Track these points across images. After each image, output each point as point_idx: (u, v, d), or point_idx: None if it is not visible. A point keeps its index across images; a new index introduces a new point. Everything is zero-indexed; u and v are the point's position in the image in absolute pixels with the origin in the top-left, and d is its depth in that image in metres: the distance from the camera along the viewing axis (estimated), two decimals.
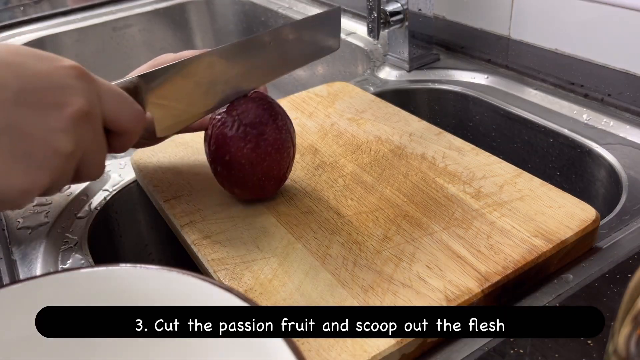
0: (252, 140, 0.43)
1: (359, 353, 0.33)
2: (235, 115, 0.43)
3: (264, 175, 0.44)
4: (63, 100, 0.30)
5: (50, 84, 0.30)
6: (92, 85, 0.32)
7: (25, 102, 0.29)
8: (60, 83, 0.30)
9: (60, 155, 0.30)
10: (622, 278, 0.39)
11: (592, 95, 0.62)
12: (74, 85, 0.31)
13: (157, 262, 0.63)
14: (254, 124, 0.43)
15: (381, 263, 0.40)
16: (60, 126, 0.30)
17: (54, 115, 0.30)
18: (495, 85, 0.69)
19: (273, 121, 0.44)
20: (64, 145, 0.30)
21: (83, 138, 0.31)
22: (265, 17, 1.04)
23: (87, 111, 0.31)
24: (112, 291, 0.32)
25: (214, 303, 0.30)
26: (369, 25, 0.70)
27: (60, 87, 0.30)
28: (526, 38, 0.75)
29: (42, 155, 0.30)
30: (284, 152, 0.44)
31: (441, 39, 0.78)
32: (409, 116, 0.59)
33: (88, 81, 0.32)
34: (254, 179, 0.44)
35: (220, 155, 0.44)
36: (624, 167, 0.52)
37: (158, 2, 1.08)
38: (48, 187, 0.31)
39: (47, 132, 0.30)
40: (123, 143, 0.36)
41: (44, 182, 0.30)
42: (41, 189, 0.30)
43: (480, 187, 0.47)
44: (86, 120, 0.31)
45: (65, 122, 0.30)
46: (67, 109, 0.30)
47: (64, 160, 0.31)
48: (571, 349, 0.34)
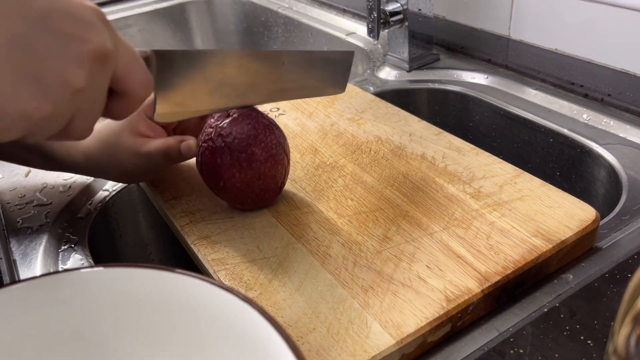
0: (243, 165, 0.43)
1: (359, 353, 0.33)
2: (222, 142, 0.43)
3: (261, 191, 0.44)
4: (85, 36, 0.29)
5: (76, 16, 0.29)
6: (114, 34, 0.32)
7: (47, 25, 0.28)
8: (86, 18, 0.30)
9: (69, 89, 0.29)
10: (622, 278, 0.39)
11: (592, 95, 0.62)
12: (98, 26, 0.30)
13: (157, 262, 0.63)
14: (243, 147, 0.42)
15: (381, 263, 0.40)
16: (77, 59, 0.29)
17: (73, 46, 0.29)
18: (495, 85, 0.69)
19: (262, 139, 0.43)
20: (75, 80, 0.29)
21: (93, 80, 0.30)
22: (265, 17, 1.04)
23: (105, 53, 0.30)
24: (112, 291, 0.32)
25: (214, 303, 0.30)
26: (369, 25, 0.70)
27: (85, 22, 0.30)
28: (526, 38, 0.75)
29: (52, 83, 0.29)
30: (278, 165, 0.44)
31: (441, 39, 0.78)
32: (409, 116, 0.59)
33: (110, 27, 0.31)
34: (252, 196, 0.44)
35: (214, 182, 0.44)
36: (624, 167, 0.52)
37: (158, 2, 1.08)
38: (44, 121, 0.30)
39: (63, 61, 0.29)
40: (122, 108, 0.34)
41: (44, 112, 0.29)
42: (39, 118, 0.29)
43: (480, 187, 0.47)
44: (102, 62, 0.30)
45: (83, 56, 0.29)
46: (88, 45, 0.29)
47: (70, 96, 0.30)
48: (571, 349, 0.34)
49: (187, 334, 0.31)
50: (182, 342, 0.31)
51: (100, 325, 0.32)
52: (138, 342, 0.32)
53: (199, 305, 0.31)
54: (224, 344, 0.30)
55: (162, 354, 0.32)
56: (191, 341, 0.31)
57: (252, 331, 0.29)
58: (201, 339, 0.31)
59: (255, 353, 0.28)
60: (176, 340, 0.31)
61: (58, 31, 0.29)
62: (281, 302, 0.37)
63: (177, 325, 0.31)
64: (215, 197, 0.48)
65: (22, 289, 0.31)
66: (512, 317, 0.38)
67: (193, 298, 0.31)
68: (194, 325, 0.31)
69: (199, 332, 0.31)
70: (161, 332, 0.32)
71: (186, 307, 0.31)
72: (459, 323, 0.37)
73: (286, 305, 0.37)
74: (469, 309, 0.37)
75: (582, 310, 0.37)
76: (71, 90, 0.29)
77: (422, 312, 0.36)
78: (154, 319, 0.32)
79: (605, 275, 0.40)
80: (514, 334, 0.36)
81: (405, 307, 0.36)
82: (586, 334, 0.35)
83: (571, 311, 0.37)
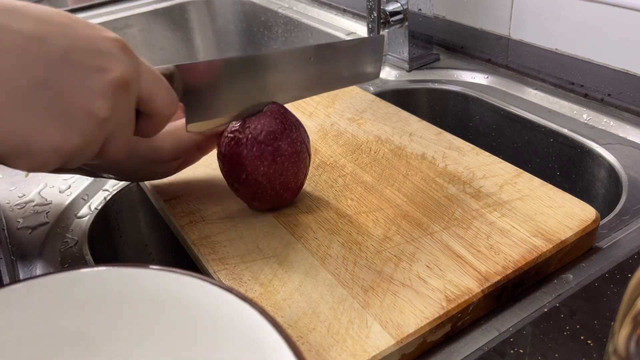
0: (268, 158, 0.42)
1: (359, 353, 0.33)
2: (249, 133, 0.42)
3: (281, 188, 0.44)
4: (106, 66, 0.31)
5: (95, 48, 0.31)
6: (134, 60, 0.33)
7: (69, 61, 0.30)
8: (105, 49, 0.31)
9: (95, 119, 0.31)
10: (622, 278, 0.39)
11: (592, 95, 0.62)
12: (117, 55, 0.31)
13: (157, 262, 0.63)
14: (269, 141, 0.42)
15: (381, 263, 0.40)
16: (100, 90, 0.30)
17: (95, 78, 0.30)
18: (495, 85, 0.69)
19: (288, 135, 0.43)
20: (100, 110, 0.31)
21: (118, 107, 0.32)
22: (265, 17, 1.04)
23: (127, 80, 0.32)
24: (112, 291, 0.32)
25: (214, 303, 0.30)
26: (369, 25, 0.70)
27: (105, 53, 0.31)
28: (526, 38, 0.75)
29: (78, 115, 0.30)
30: (300, 163, 0.44)
31: (441, 39, 0.78)
32: (409, 116, 0.59)
33: (131, 55, 0.33)
34: (272, 193, 0.44)
35: (236, 174, 0.43)
36: (624, 167, 0.52)
37: (158, 2, 1.08)
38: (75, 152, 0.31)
39: (87, 93, 0.30)
40: (151, 126, 0.36)
41: (74, 144, 0.30)
42: (70, 150, 0.30)
43: (480, 187, 0.47)
44: (124, 90, 0.32)
45: (105, 86, 0.31)
46: (109, 75, 0.31)
47: (97, 125, 0.31)
48: (571, 349, 0.34)
49: (187, 334, 0.31)
50: (182, 342, 0.31)
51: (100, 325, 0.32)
52: (138, 342, 0.32)
53: (199, 305, 0.31)
54: (224, 344, 0.30)
55: (162, 354, 0.32)
56: (191, 341, 0.31)
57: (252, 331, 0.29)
58: (201, 339, 0.31)
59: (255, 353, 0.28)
60: (176, 340, 0.31)
61: (79, 65, 0.30)
62: (281, 302, 0.37)
63: (177, 325, 0.31)
64: (215, 197, 0.48)
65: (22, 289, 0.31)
66: (512, 317, 0.38)
67: (193, 298, 0.31)
68: (194, 325, 0.31)
69: (199, 332, 0.31)
70: (161, 332, 0.32)
71: (186, 307, 0.31)
72: (459, 323, 0.37)
73: (286, 305, 0.37)
74: (469, 309, 0.37)
75: (582, 310, 0.37)
76: (97, 120, 0.31)
77: (422, 312, 0.36)
78: (153, 319, 0.32)
79: (605, 275, 0.40)
80: (514, 334, 0.36)
81: (405, 307, 0.36)
82: (586, 334, 0.35)
83: (571, 311, 0.37)
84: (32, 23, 0.29)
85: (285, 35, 1.01)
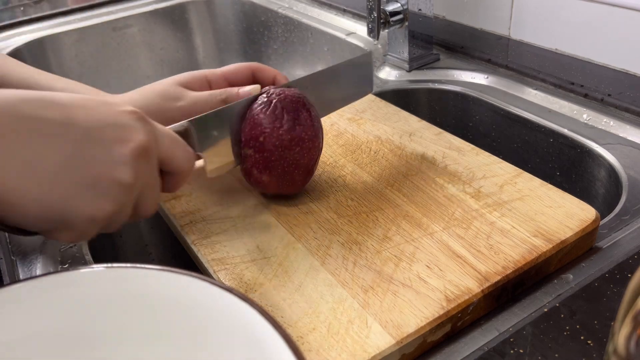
0: (289, 123, 0.44)
1: (359, 353, 0.33)
2: (274, 99, 0.44)
3: (293, 162, 0.44)
4: (125, 137, 0.34)
5: (114, 122, 0.34)
6: (151, 127, 0.36)
7: (92, 138, 0.33)
8: (123, 123, 0.34)
9: (122, 186, 0.34)
10: (622, 278, 0.39)
11: (592, 95, 0.62)
12: (135, 125, 0.35)
13: (157, 262, 0.63)
14: (291, 109, 0.44)
15: (381, 263, 0.40)
16: (123, 159, 0.33)
17: (117, 149, 0.33)
18: (495, 85, 0.69)
19: (307, 110, 0.45)
20: (125, 177, 0.34)
21: (142, 172, 0.35)
22: (265, 17, 1.04)
23: (146, 147, 0.35)
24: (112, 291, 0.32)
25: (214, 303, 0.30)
26: (369, 25, 0.70)
27: (123, 125, 0.34)
28: (526, 38, 0.75)
29: (106, 185, 0.33)
30: (316, 141, 0.45)
31: (441, 39, 0.78)
32: (409, 116, 0.59)
33: (147, 123, 0.36)
34: (283, 165, 0.44)
35: (254, 135, 0.44)
36: (624, 167, 0.52)
37: (158, 2, 1.08)
38: (110, 218, 0.34)
39: (111, 164, 0.33)
40: (175, 183, 0.39)
41: (107, 211, 0.33)
42: (105, 217, 0.34)
43: (480, 187, 0.47)
44: (145, 156, 0.35)
45: (127, 156, 0.34)
46: (129, 144, 0.34)
47: (125, 192, 0.34)
48: (571, 349, 0.34)
49: (187, 334, 0.31)
50: (182, 342, 0.31)
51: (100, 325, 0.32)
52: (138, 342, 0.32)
53: (199, 305, 0.31)
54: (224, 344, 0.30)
55: (162, 354, 0.32)
56: (191, 341, 0.31)
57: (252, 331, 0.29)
58: (201, 339, 0.31)
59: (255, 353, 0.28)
60: (176, 340, 0.31)
61: (101, 140, 0.33)
62: (281, 302, 0.37)
63: (177, 325, 0.31)
64: (215, 197, 0.48)
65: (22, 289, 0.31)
66: (512, 317, 0.38)
67: (193, 298, 0.31)
68: (194, 325, 0.31)
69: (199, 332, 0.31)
70: (161, 332, 0.32)
71: (186, 307, 0.31)
72: (459, 323, 0.37)
73: (286, 305, 0.37)
74: (469, 309, 0.37)
75: (582, 310, 0.37)
76: (124, 186, 0.34)
77: (422, 312, 0.36)
78: (153, 319, 0.32)
79: (605, 275, 0.40)
80: (514, 334, 0.36)
81: (405, 307, 0.36)
82: (586, 334, 0.35)
83: (571, 311, 0.37)
84: (58, 110, 0.32)
85: (285, 35, 1.01)
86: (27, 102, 0.32)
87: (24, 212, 0.31)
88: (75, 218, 0.33)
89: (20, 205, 0.31)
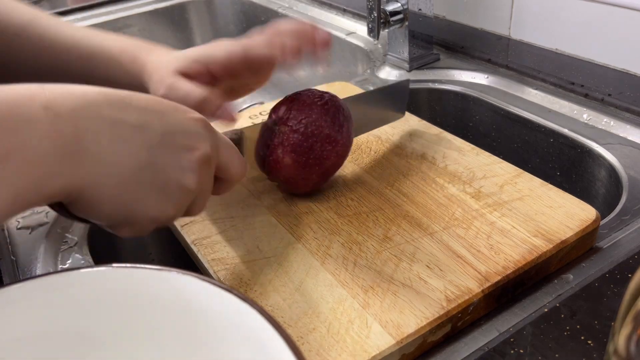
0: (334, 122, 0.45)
1: (359, 353, 0.33)
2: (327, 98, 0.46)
3: (319, 158, 0.45)
4: (193, 145, 0.35)
5: (185, 129, 0.35)
6: (214, 135, 0.37)
7: (165, 143, 0.34)
8: (192, 130, 0.35)
9: (186, 192, 0.35)
10: (622, 278, 0.39)
11: (592, 95, 0.62)
12: (201, 133, 0.36)
13: (157, 262, 0.63)
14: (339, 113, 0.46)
15: (381, 263, 0.40)
16: (190, 166, 0.35)
17: (185, 156, 0.35)
18: (495, 85, 0.68)
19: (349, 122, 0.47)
20: (190, 183, 0.35)
21: (203, 179, 0.36)
22: (265, 17, 1.04)
23: (210, 156, 0.36)
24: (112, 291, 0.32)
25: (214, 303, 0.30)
26: (369, 25, 0.70)
27: (192, 133, 0.35)
28: (526, 38, 0.75)
29: (172, 189, 0.34)
30: (345, 150, 0.47)
31: (441, 39, 0.78)
32: (409, 116, 0.59)
33: (211, 131, 0.37)
34: (309, 155, 0.44)
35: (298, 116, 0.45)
36: (624, 167, 0.52)
37: (158, 2, 1.08)
38: (169, 220, 0.35)
39: (179, 170, 0.34)
40: (225, 188, 0.40)
41: (169, 214, 0.35)
42: (165, 219, 0.35)
43: (480, 187, 0.47)
44: (208, 164, 0.36)
45: (194, 163, 0.35)
46: (196, 152, 0.35)
47: (187, 197, 0.35)
48: (571, 349, 0.34)
49: (187, 334, 0.31)
50: (182, 342, 0.31)
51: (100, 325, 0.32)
52: (138, 342, 0.32)
53: (199, 305, 0.31)
54: (224, 344, 0.30)
55: (161, 354, 0.32)
56: (191, 341, 0.31)
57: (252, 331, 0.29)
58: (201, 339, 0.31)
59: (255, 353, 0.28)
60: (176, 340, 0.31)
61: (172, 147, 0.34)
62: (281, 302, 0.37)
63: (177, 325, 0.31)
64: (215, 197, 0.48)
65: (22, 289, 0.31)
66: (512, 317, 0.38)
67: (193, 298, 0.31)
68: (194, 325, 0.31)
69: (199, 332, 0.31)
70: (161, 332, 0.32)
71: (186, 307, 0.31)
72: (459, 323, 0.37)
73: (286, 305, 0.37)
74: (469, 309, 0.37)
75: (583, 310, 0.37)
76: (188, 192, 0.35)
77: (422, 312, 0.36)
78: (153, 319, 0.32)
79: (606, 275, 0.40)
80: (514, 334, 0.36)
81: (406, 307, 0.36)
82: (586, 334, 0.35)
83: (571, 311, 0.37)
84: (135, 113, 0.33)
85: None
86: (110, 103, 0.32)
87: (97, 208, 0.32)
88: (141, 218, 0.34)
89: (95, 202, 0.32)
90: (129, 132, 0.33)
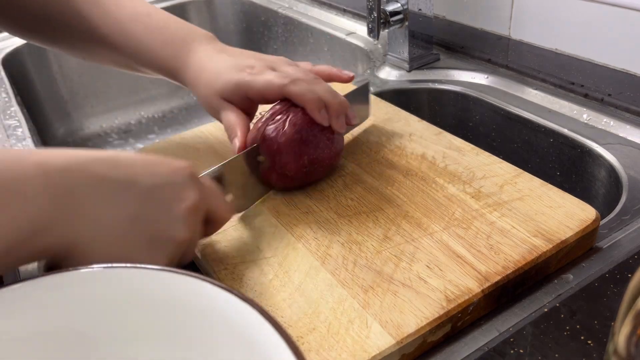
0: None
1: (359, 353, 0.33)
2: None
3: (308, 152, 0.46)
4: (181, 196, 0.36)
5: (172, 182, 0.36)
6: (199, 184, 0.38)
7: (153, 197, 0.35)
8: (178, 181, 0.36)
9: (177, 242, 0.36)
10: (622, 278, 0.39)
11: (592, 95, 0.62)
12: (188, 183, 0.37)
13: None
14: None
15: (381, 263, 0.40)
16: (179, 217, 0.35)
17: (174, 207, 0.35)
18: (495, 85, 0.68)
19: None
20: (179, 234, 0.36)
21: (193, 227, 0.37)
22: (265, 17, 1.04)
23: (197, 204, 0.37)
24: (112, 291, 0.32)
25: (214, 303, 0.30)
26: (369, 25, 0.70)
27: (179, 184, 0.36)
28: (526, 38, 0.75)
29: (163, 240, 0.35)
30: (334, 139, 0.48)
31: (441, 39, 0.78)
32: (409, 116, 0.59)
33: (196, 180, 0.38)
34: (302, 135, 0.46)
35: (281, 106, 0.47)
36: (624, 167, 0.52)
37: (158, 2, 1.08)
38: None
39: (169, 221, 0.35)
40: (213, 230, 0.41)
41: (161, 263, 0.35)
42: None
43: (480, 187, 0.47)
44: (196, 212, 0.37)
45: (182, 213, 0.36)
46: (184, 203, 0.36)
47: (178, 246, 0.36)
48: (571, 349, 0.34)
49: (187, 334, 0.31)
50: (181, 342, 0.31)
51: (100, 325, 0.32)
52: (138, 342, 0.32)
53: (199, 305, 0.31)
54: (223, 344, 0.30)
55: (162, 354, 0.32)
56: (191, 341, 0.31)
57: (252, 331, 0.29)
58: (201, 339, 0.31)
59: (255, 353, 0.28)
60: (176, 340, 0.31)
61: (161, 199, 0.35)
62: (281, 302, 0.37)
63: (177, 325, 0.31)
64: None
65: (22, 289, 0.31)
66: (512, 317, 0.38)
67: (193, 298, 0.31)
68: (193, 325, 0.31)
69: (199, 332, 0.31)
70: (161, 332, 0.32)
71: (186, 307, 0.31)
72: (459, 323, 0.37)
73: (286, 305, 0.37)
74: (469, 309, 0.37)
75: (582, 310, 0.37)
76: (178, 242, 0.36)
77: (422, 312, 0.36)
78: (154, 319, 0.32)
79: (606, 275, 0.40)
80: (514, 334, 0.36)
81: (406, 307, 0.36)
82: (586, 334, 0.35)
83: (571, 311, 0.37)
84: (124, 169, 0.35)
85: (285, 35, 1.01)
86: (99, 161, 0.34)
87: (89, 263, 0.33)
88: None
89: (87, 257, 0.33)
90: (119, 187, 0.34)
